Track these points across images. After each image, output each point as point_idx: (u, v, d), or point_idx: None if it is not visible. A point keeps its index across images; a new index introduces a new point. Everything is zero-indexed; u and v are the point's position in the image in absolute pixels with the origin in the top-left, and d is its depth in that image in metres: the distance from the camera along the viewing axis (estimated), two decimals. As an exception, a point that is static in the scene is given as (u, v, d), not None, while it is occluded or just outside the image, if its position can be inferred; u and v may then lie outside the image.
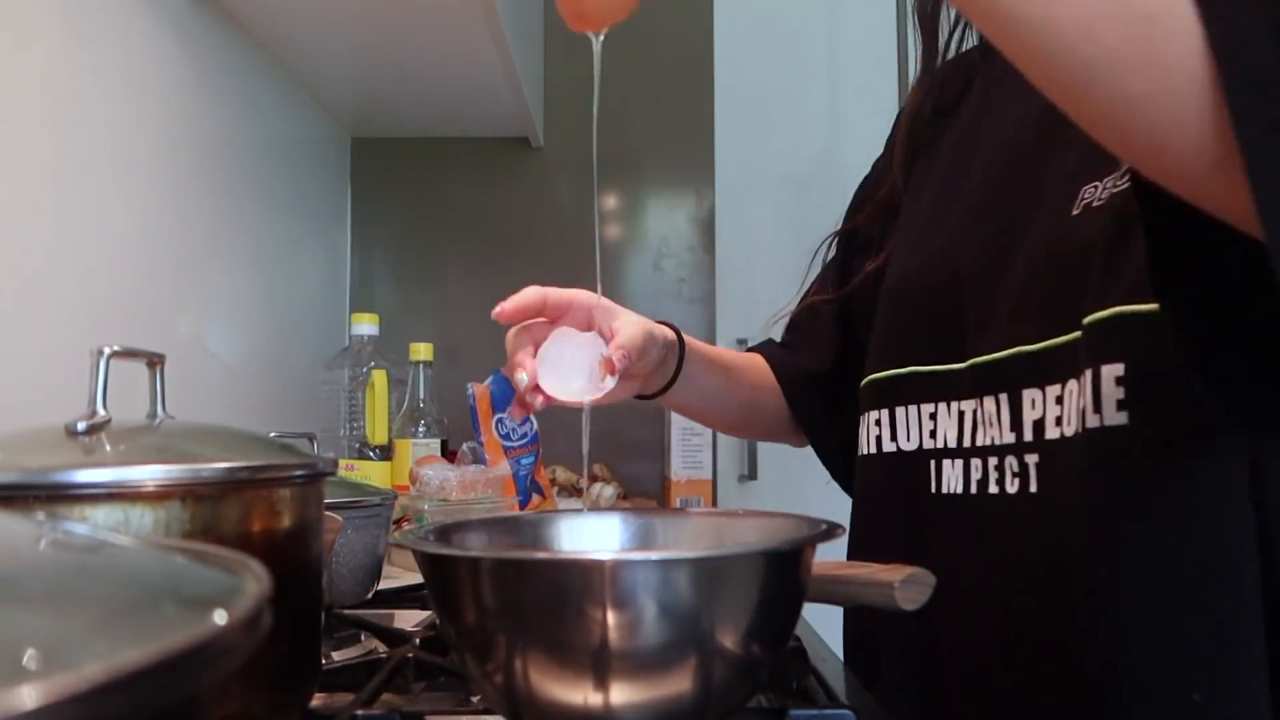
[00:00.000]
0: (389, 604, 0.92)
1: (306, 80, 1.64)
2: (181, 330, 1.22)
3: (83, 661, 0.16)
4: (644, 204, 2.09)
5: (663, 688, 0.46)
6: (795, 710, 0.53)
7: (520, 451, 1.44)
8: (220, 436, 0.51)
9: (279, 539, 0.48)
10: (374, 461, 1.39)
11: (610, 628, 0.44)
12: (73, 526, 0.35)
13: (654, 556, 0.46)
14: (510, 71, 1.58)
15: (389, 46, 1.49)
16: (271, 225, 1.53)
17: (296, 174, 1.67)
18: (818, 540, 0.51)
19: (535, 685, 0.46)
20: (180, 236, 1.21)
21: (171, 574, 0.27)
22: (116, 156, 1.06)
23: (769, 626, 0.49)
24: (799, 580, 0.50)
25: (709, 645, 0.46)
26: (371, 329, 1.49)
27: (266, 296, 1.51)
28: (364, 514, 0.84)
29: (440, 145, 2.04)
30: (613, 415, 2.02)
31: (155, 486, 0.42)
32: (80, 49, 0.98)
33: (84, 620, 0.21)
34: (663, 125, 2.09)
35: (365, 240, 2.04)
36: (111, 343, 0.48)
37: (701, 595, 0.45)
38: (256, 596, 0.23)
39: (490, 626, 0.47)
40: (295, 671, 0.50)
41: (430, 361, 1.41)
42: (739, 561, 0.48)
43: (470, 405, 1.44)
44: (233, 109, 1.38)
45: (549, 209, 2.07)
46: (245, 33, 1.40)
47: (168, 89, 1.18)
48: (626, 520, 0.67)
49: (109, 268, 1.04)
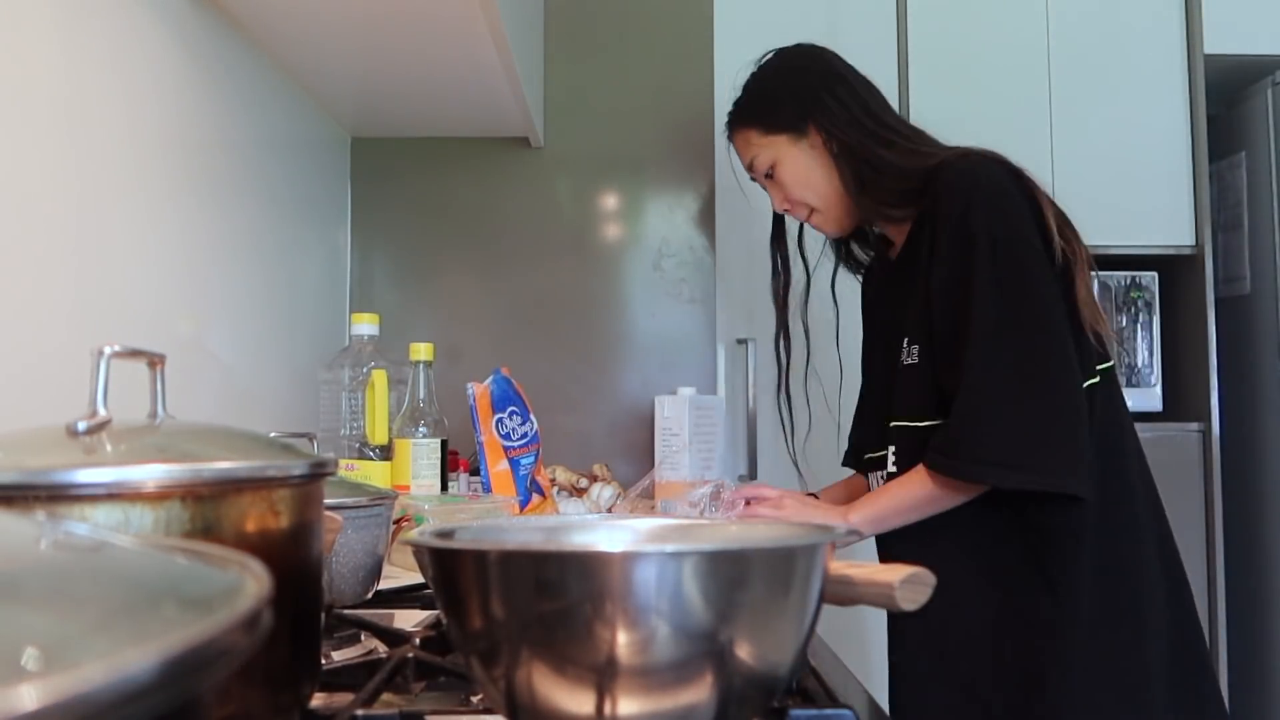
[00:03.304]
0: (389, 604, 0.92)
1: (306, 80, 1.64)
2: (181, 330, 1.22)
3: (83, 661, 0.16)
4: (644, 204, 2.09)
5: (677, 692, 0.45)
6: (795, 710, 0.53)
7: (520, 451, 1.44)
8: (220, 436, 0.51)
9: (279, 539, 0.48)
10: (374, 461, 1.39)
11: (620, 625, 0.43)
12: (73, 526, 0.35)
13: (667, 549, 0.45)
14: (510, 71, 1.58)
15: (389, 47, 1.49)
16: (271, 225, 1.53)
17: (296, 174, 1.67)
18: (840, 541, 0.52)
19: (539, 684, 0.46)
20: (180, 236, 1.21)
21: (171, 574, 0.27)
22: (117, 157, 1.06)
23: (787, 628, 0.48)
24: (817, 580, 0.50)
25: (723, 640, 0.45)
26: (371, 329, 1.49)
27: (266, 296, 1.51)
28: (364, 514, 0.84)
29: (440, 145, 2.04)
30: (612, 415, 2.02)
31: (155, 486, 0.42)
32: (81, 49, 0.98)
33: (84, 620, 0.21)
34: (663, 125, 2.09)
35: (365, 240, 2.04)
36: (111, 343, 0.48)
37: (716, 589, 0.45)
38: (256, 596, 0.23)
39: (497, 623, 0.47)
40: (295, 671, 0.50)
41: (430, 361, 1.41)
42: (758, 556, 0.47)
43: (470, 405, 1.44)
44: (233, 109, 1.38)
45: (549, 209, 2.07)
46: (245, 33, 1.40)
47: (168, 89, 1.18)
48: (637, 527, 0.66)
49: (109, 268, 1.04)
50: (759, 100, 1.24)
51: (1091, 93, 2.14)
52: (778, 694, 0.50)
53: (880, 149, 1.16)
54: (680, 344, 2.08)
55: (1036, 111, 2.13)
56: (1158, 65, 2.17)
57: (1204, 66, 2.14)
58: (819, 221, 1.25)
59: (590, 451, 1.96)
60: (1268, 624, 2.16)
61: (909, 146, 1.16)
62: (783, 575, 0.48)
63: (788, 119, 1.20)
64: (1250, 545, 2.22)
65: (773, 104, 1.22)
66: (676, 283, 2.08)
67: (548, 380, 1.96)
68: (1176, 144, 2.16)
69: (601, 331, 2.07)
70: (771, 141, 1.22)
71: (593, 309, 2.07)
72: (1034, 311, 1.03)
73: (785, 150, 1.21)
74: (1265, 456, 2.20)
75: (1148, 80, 2.17)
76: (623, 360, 2.06)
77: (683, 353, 2.07)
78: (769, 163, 1.23)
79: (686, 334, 2.08)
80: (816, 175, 1.20)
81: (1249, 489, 2.23)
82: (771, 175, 1.23)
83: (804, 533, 0.59)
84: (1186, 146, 2.16)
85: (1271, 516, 2.18)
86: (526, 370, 1.68)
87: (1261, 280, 2.19)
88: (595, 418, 2.04)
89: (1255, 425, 2.22)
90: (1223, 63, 2.18)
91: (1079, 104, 2.13)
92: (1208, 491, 2.14)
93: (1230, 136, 2.30)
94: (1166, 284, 2.23)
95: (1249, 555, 2.21)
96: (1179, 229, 2.16)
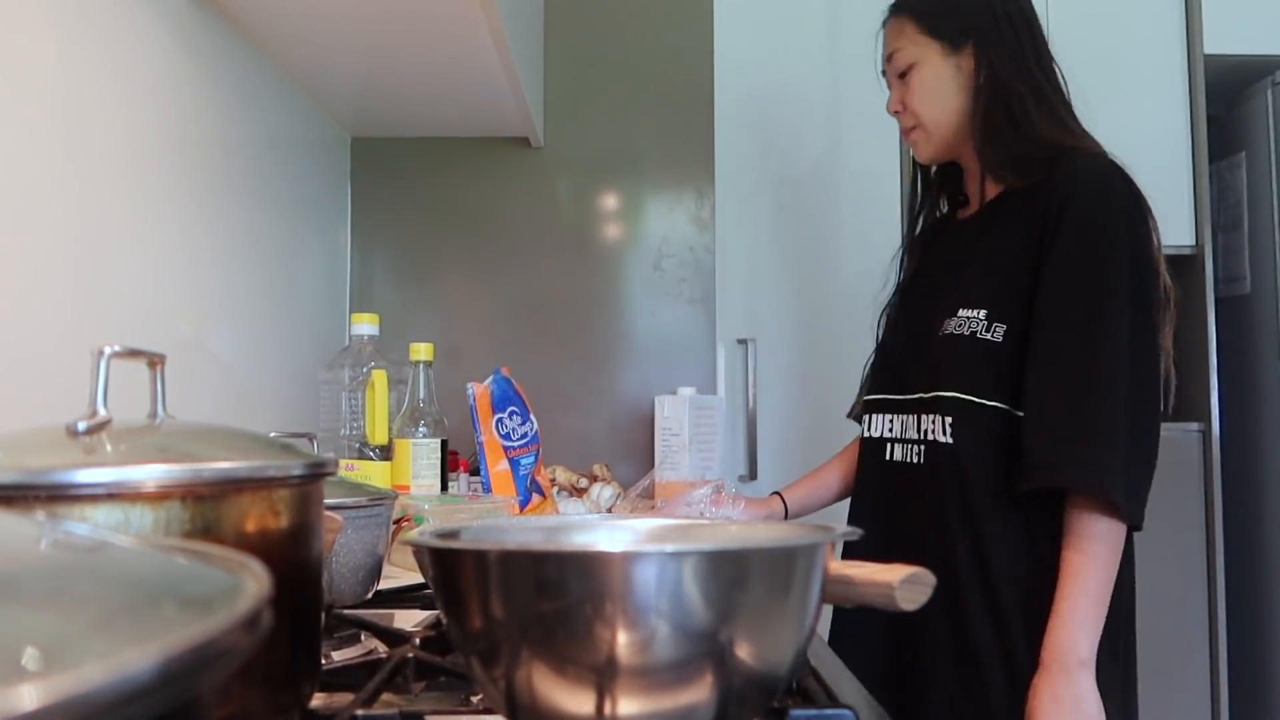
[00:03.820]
0: (389, 604, 0.92)
1: (306, 80, 1.63)
2: (181, 330, 1.22)
3: (83, 661, 0.16)
4: (644, 204, 2.09)
5: (677, 692, 0.45)
6: (795, 710, 0.53)
7: (520, 451, 1.44)
8: (220, 436, 0.51)
9: (279, 539, 0.48)
10: (374, 461, 1.39)
11: (620, 625, 0.43)
12: (73, 526, 0.35)
13: (667, 549, 0.45)
14: (510, 71, 1.58)
15: (389, 47, 1.49)
16: (271, 225, 1.53)
17: (296, 174, 1.67)
18: (838, 539, 0.52)
19: (539, 684, 0.46)
20: (180, 236, 1.21)
21: (171, 574, 0.27)
22: (117, 157, 1.06)
23: (787, 628, 0.48)
24: (817, 580, 0.50)
25: (723, 640, 0.45)
26: (371, 329, 1.49)
27: (266, 296, 1.51)
28: (364, 514, 0.84)
29: (440, 145, 2.04)
30: (612, 415, 2.02)
31: (155, 486, 0.42)
32: (80, 49, 0.98)
33: (84, 620, 0.21)
34: (663, 125, 2.09)
35: (365, 240, 2.04)
36: (111, 343, 0.48)
37: (716, 589, 0.45)
38: (256, 596, 0.23)
39: (497, 623, 0.47)
40: (295, 671, 0.50)
41: (430, 361, 1.41)
42: (758, 556, 0.47)
43: (470, 405, 1.44)
44: (233, 109, 1.38)
45: (549, 209, 2.07)
46: (245, 33, 1.40)
47: (168, 89, 1.18)
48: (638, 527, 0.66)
49: (109, 268, 1.04)
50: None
51: (1091, 92, 2.13)
52: (778, 694, 0.50)
53: (1031, 103, 1.09)
54: (680, 344, 2.08)
55: (1036, 111, 2.12)
56: (1158, 65, 2.17)
57: (1204, 66, 2.14)
58: (918, 138, 1.17)
59: (590, 451, 1.96)
60: (1268, 624, 2.16)
61: (1060, 116, 1.11)
62: (783, 575, 0.48)
63: (953, 28, 1.12)
64: (1250, 545, 2.22)
65: (945, 6, 1.14)
66: (676, 283, 2.08)
67: (548, 380, 1.96)
68: (1176, 144, 2.16)
69: (601, 331, 2.07)
70: (925, 42, 1.14)
71: (593, 309, 2.07)
72: (1153, 346, 1.01)
73: (933, 57, 1.13)
74: (1265, 456, 2.20)
75: (1148, 80, 2.17)
76: (623, 360, 2.07)
77: (683, 353, 2.07)
78: (909, 61, 1.15)
79: (686, 334, 2.08)
80: (949, 95, 1.13)
81: (1249, 489, 2.23)
82: (905, 75, 1.15)
83: (804, 533, 0.58)
84: (1186, 146, 2.16)
85: (1271, 516, 2.18)
86: (526, 370, 1.68)
87: (1261, 280, 2.19)
88: (595, 418, 2.04)
89: (1255, 425, 2.23)
90: (1223, 63, 2.18)
91: (1079, 104, 2.12)
92: (1208, 491, 2.14)
93: (1230, 136, 2.30)
94: (1166, 284, 2.22)
95: (1249, 555, 2.21)
96: (1179, 229, 2.16)
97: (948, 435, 1.06)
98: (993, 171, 1.12)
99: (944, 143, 1.16)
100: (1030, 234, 1.04)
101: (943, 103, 1.14)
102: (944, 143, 1.16)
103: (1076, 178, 1.03)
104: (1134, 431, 0.96)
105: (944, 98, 1.13)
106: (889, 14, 1.19)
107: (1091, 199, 1.02)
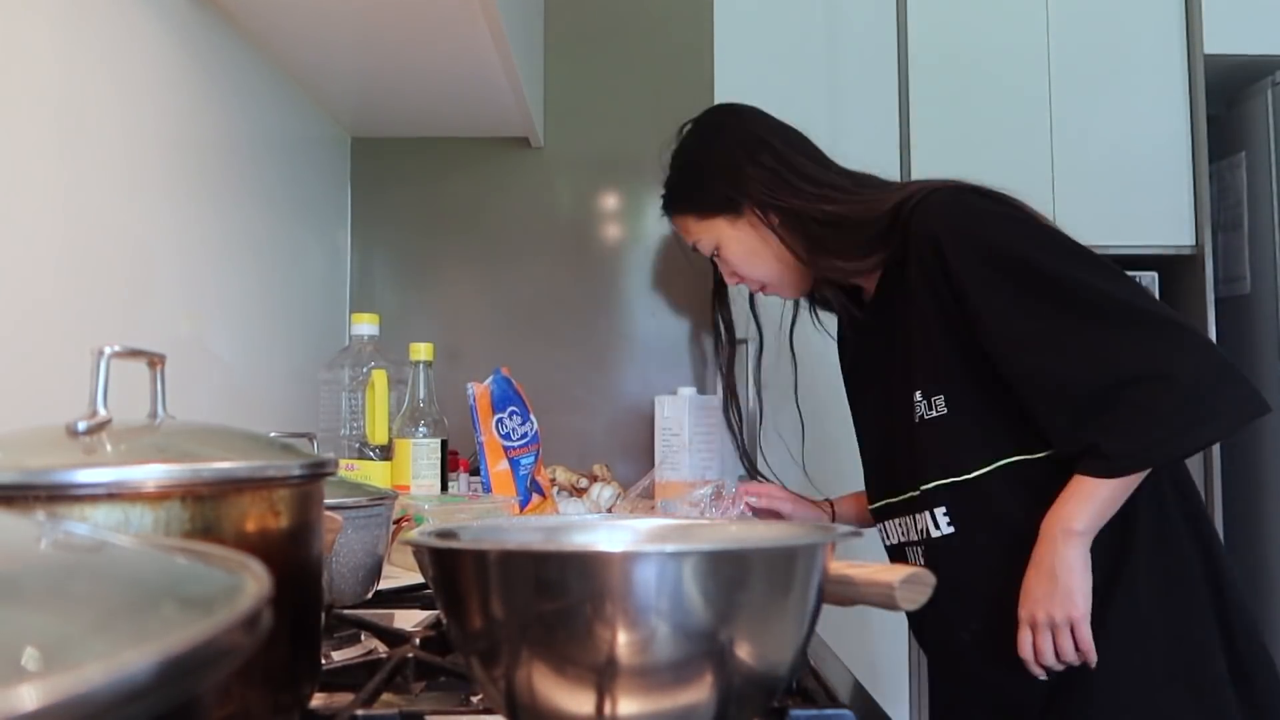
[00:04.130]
0: (389, 604, 0.92)
1: (306, 80, 1.63)
2: (181, 330, 1.22)
3: (82, 661, 0.16)
4: (644, 204, 2.09)
5: (677, 692, 0.45)
6: (795, 710, 0.53)
7: (520, 451, 1.44)
8: (220, 436, 0.51)
9: (279, 539, 0.48)
10: (374, 461, 1.39)
11: (620, 625, 0.43)
12: (73, 526, 0.35)
13: (667, 549, 0.45)
14: (510, 71, 1.58)
15: (389, 47, 1.49)
16: (271, 225, 1.53)
17: (296, 174, 1.67)
18: (838, 539, 0.52)
19: (539, 684, 0.46)
20: (180, 236, 1.21)
21: (171, 574, 0.27)
22: (117, 157, 1.06)
23: (787, 628, 0.48)
24: (817, 580, 0.50)
25: (723, 640, 0.45)
26: (371, 329, 1.49)
27: (266, 296, 1.51)
28: (364, 514, 0.84)
29: (440, 145, 2.04)
30: (612, 415, 2.02)
31: (155, 486, 0.42)
32: (80, 49, 0.98)
33: (84, 620, 0.21)
34: (663, 125, 2.08)
35: (365, 240, 2.04)
36: (111, 343, 0.48)
37: (716, 589, 0.45)
38: (256, 596, 0.23)
39: (497, 623, 0.47)
40: (295, 671, 0.50)
41: (430, 361, 1.41)
42: (758, 556, 0.47)
43: (470, 405, 1.44)
44: (233, 109, 1.38)
45: (549, 209, 2.07)
46: (245, 33, 1.40)
47: (167, 89, 1.18)
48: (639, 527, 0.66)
49: (109, 268, 1.04)
50: (687, 183, 1.20)
51: (1091, 93, 2.14)
52: (778, 694, 0.50)
53: (825, 205, 1.10)
54: (680, 344, 2.08)
55: (1036, 111, 2.12)
56: (1158, 65, 2.17)
57: (1204, 66, 2.14)
58: (773, 292, 1.22)
59: (590, 451, 1.96)
60: (1268, 624, 2.16)
61: (853, 197, 1.11)
62: (783, 575, 0.48)
63: (719, 200, 1.16)
64: (1250, 545, 2.22)
65: (700, 186, 1.18)
66: (677, 282, 2.08)
67: (548, 380, 1.96)
68: (1176, 144, 2.16)
69: (601, 331, 2.07)
70: (710, 225, 1.18)
71: (593, 309, 2.06)
72: (1116, 273, 0.99)
73: (725, 232, 1.17)
74: (1265, 456, 2.20)
75: (1148, 80, 2.17)
76: (623, 360, 2.06)
77: (683, 353, 2.07)
78: (711, 246, 1.19)
79: (686, 334, 2.08)
80: (763, 251, 1.16)
81: (1249, 489, 2.23)
82: (717, 255, 1.20)
83: (804, 533, 0.58)
84: (1186, 146, 2.16)
85: (1271, 516, 2.18)
86: (526, 370, 1.68)
87: (1261, 280, 2.19)
88: (595, 418, 2.03)
89: (1255, 425, 2.22)
90: (1223, 63, 2.18)
91: (1079, 104, 2.13)
92: (1208, 491, 2.14)
93: (1230, 136, 2.30)
94: (1166, 284, 2.23)
95: (1249, 555, 2.21)
96: (1179, 229, 2.16)
97: (943, 527, 1.04)
98: (849, 274, 1.13)
99: (794, 282, 1.19)
100: (928, 292, 1.02)
101: (763, 260, 1.17)
102: (794, 282, 1.19)
103: (928, 216, 1.03)
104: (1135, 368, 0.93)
105: (761, 255, 1.16)
106: (667, 217, 1.23)
107: (956, 219, 1.01)
